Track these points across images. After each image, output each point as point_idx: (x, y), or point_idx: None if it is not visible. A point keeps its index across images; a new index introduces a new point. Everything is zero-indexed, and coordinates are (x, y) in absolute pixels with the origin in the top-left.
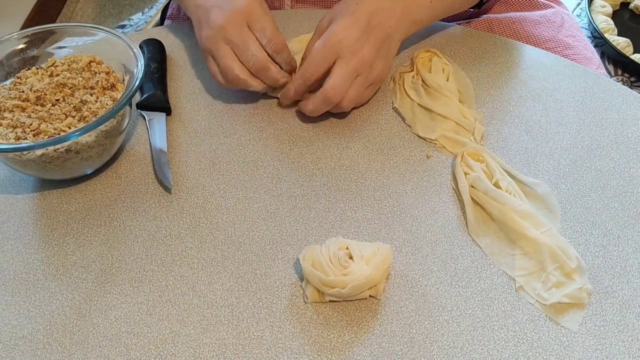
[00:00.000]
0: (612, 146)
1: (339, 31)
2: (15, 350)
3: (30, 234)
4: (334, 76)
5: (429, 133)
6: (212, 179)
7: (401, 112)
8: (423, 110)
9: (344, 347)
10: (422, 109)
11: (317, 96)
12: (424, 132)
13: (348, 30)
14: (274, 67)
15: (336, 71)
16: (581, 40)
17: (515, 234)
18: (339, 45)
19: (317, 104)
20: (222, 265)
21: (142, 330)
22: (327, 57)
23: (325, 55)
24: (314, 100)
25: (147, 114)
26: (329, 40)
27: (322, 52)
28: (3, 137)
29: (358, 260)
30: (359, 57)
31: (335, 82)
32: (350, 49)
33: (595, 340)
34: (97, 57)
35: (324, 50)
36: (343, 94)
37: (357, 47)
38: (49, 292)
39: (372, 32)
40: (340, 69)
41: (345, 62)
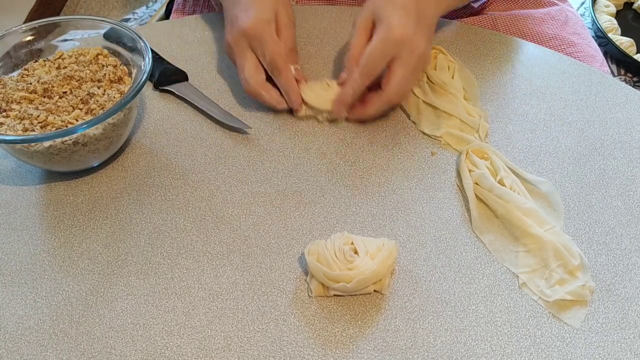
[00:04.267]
0: (615, 145)
1: (396, 27)
2: (21, 341)
3: (37, 226)
4: (397, 79)
5: (434, 130)
6: (217, 172)
7: (406, 108)
8: (428, 107)
9: (348, 341)
10: (427, 106)
11: (378, 99)
12: (429, 129)
13: (405, 25)
14: (266, 93)
15: (398, 73)
16: (585, 38)
17: (519, 231)
18: (400, 43)
19: (379, 108)
20: (227, 258)
21: (147, 322)
22: (387, 55)
23: (386, 53)
24: (375, 104)
25: (172, 87)
26: (389, 38)
27: (383, 51)
28: (11, 128)
29: (363, 255)
30: (417, 53)
31: (399, 85)
32: (410, 46)
33: (598, 337)
34: (105, 50)
35: (385, 49)
36: (404, 93)
37: (416, 44)
38: (55, 283)
39: (421, 23)
40: (402, 70)
41: (405, 61)
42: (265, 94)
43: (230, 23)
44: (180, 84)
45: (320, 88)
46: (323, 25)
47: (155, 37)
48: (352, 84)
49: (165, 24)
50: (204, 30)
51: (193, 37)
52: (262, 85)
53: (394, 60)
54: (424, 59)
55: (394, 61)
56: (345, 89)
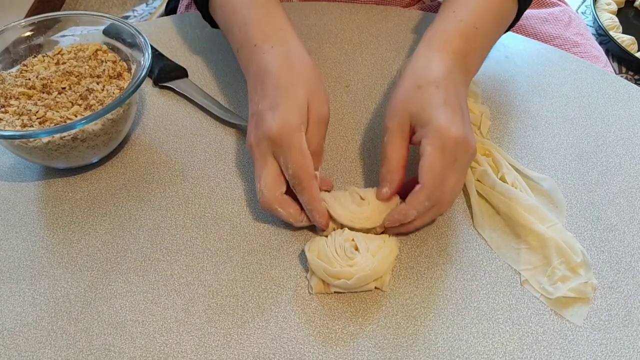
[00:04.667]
0: (617, 142)
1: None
2: (19, 337)
3: (36, 222)
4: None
5: None
6: (217, 169)
7: None
8: None
9: (348, 338)
10: None
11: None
12: None
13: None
14: (283, 210)
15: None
16: (588, 39)
17: (521, 228)
18: (456, 147)
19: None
20: (227, 255)
21: (146, 318)
22: (448, 164)
23: (446, 162)
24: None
25: (171, 83)
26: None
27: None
28: (9, 124)
29: (364, 252)
30: (470, 153)
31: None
32: (465, 146)
33: (600, 335)
34: (104, 46)
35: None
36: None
37: (469, 142)
38: (53, 280)
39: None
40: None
41: (460, 165)
42: (282, 210)
43: (255, 121)
44: (179, 81)
45: (350, 202)
46: (323, 22)
47: (155, 33)
48: (416, 206)
49: (165, 20)
50: (204, 26)
51: (193, 33)
52: (278, 201)
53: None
54: (474, 156)
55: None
56: (407, 210)
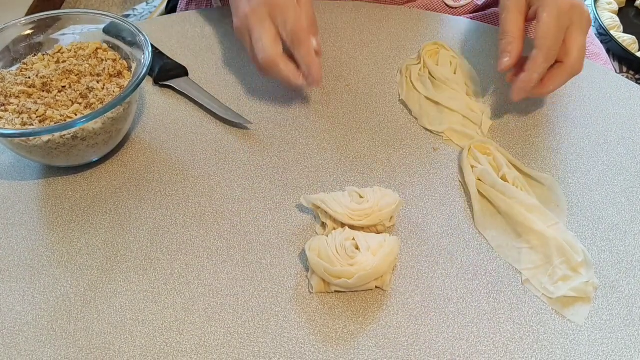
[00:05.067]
0: (619, 141)
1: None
2: (19, 336)
3: (35, 221)
4: (577, 47)
5: (436, 126)
6: (218, 168)
7: (408, 104)
8: (430, 103)
9: (349, 338)
10: (429, 102)
11: (561, 73)
12: (431, 125)
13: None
14: (284, 64)
15: (577, 40)
16: (589, 36)
17: (522, 228)
18: (571, 10)
19: (562, 81)
20: (227, 254)
21: (147, 318)
22: (562, 27)
23: (561, 26)
24: (557, 78)
25: (171, 82)
26: (561, 8)
27: (558, 24)
28: (9, 122)
29: (365, 251)
30: (586, 16)
31: (580, 53)
32: (580, 10)
33: (601, 334)
34: (104, 45)
35: (559, 21)
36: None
37: (582, 5)
38: (53, 279)
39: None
40: (580, 37)
41: (579, 26)
42: (282, 65)
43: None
44: (180, 79)
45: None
46: (324, 20)
47: (155, 32)
48: (536, 69)
49: (165, 18)
50: (205, 25)
51: (193, 32)
52: (280, 56)
53: (569, 29)
54: (590, 19)
55: (570, 29)
56: (531, 75)
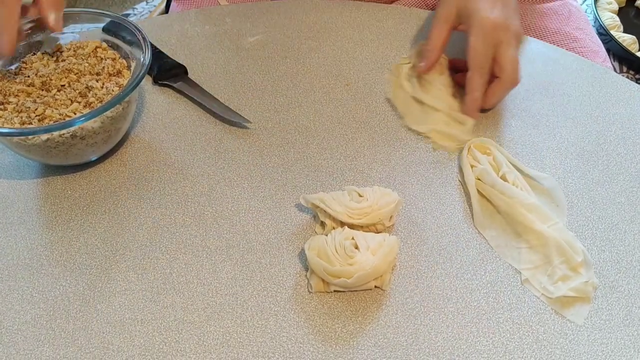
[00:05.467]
0: (619, 141)
1: (487, 15)
2: (18, 336)
3: (34, 220)
4: (509, 61)
5: (419, 125)
6: (217, 167)
7: (394, 103)
8: (415, 102)
9: (348, 338)
10: (414, 101)
11: (500, 87)
12: (414, 124)
13: (494, 12)
14: None
15: (506, 54)
16: (588, 33)
17: (522, 227)
18: (496, 28)
19: (502, 94)
20: (226, 253)
21: (145, 317)
22: (490, 44)
23: (488, 43)
24: (497, 92)
25: (171, 81)
26: (485, 28)
27: (485, 41)
28: (8, 121)
29: (364, 251)
30: (513, 32)
31: (513, 66)
32: (505, 28)
33: (601, 334)
34: (103, 44)
35: (486, 38)
36: (519, 72)
37: (509, 23)
38: (52, 278)
39: (508, 5)
40: (509, 52)
41: (507, 43)
42: None
43: None
44: (179, 78)
45: (348, 200)
46: (324, 19)
47: (155, 31)
48: (475, 88)
49: (164, 17)
50: (204, 24)
51: (193, 31)
52: None
53: (497, 46)
54: (520, 37)
55: (499, 46)
56: (472, 95)
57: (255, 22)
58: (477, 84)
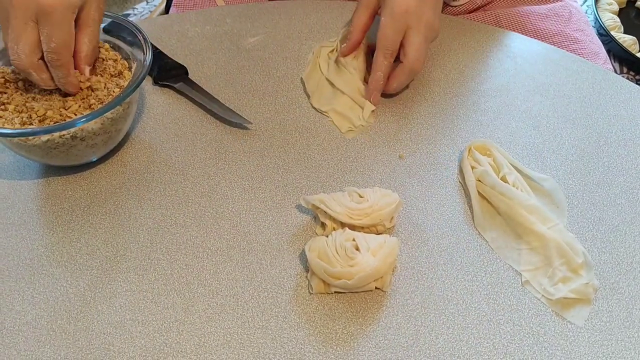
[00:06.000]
0: (619, 142)
1: (400, 2)
2: (18, 336)
3: (35, 221)
4: (413, 48)
5: (322, 105)
6: (217, 168)
7: (306, 83)
8: (327, 83)
9: (349, 339)
10: (326, 83)
11: (401, 72)
12: (318, 104)
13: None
14: (37, 75)
15: (413, 42)
16: (589, 35)
17: (522, 229)
18: (405, 15)
19: (403, 79)
20: (227, 254)
21: (146, 318)
22: (399, 29)
23: (397, 27)
24: (398, 76)
25: (171, 82)
26: (395, 12)
27: (394, 25)
28: (8, 121)
29: (365, 252)
30: (424, 21)
31: (417, 54)
32: (416, 15)
33: (601, 336)
34: (106, 44)
35: (394, 23)
36: (423, 60)
37: (421, 13)
38: (53, 279)
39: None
40: (415, 38)
41: (416, 30)
42: (36, 75)
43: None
44: (180, 79)
45: (349, 201)
46: (324, 20)
47: (155, 31)
48: (379, 68)
49: (165, 18)
50: (205, 25)
51: (193, 31)
52: (34, 66)
53: (406, 32)
54: (433, 28)
55: (406, 32)
56: (375, 74)
57: (255, 22)
58: (381, 65)
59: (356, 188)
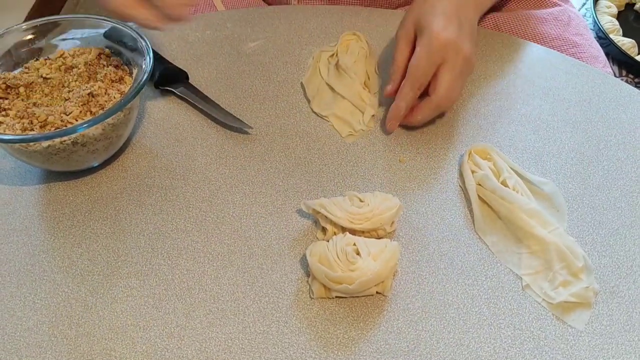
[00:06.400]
0: (619, 146)
1: (440, 32)
2: (20, 342)
3: (36, 226)
4: (444, 83)
5: (323, 110)
6: (218, 173)
7: (306, 88)
8: (327, 88)
9: (350, 343)
10: (327, 87)
11: (427, 105)
12: (318, 108)
13: (447, 30)
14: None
15: (445, 77)
16: (588, 39)
17: (523, 233)
18: (444, 48)
19: (428, 113)
20: (228, 259)
21: (147, 323)
22: (434, 62)
23: (432, 60)
24: (424, 110)
25: (172, 87)
26: (433, 44)
27: (429, 58)
28: (10, 127)
29: (365, 257)
30: (462, 56)
31: (447, 90)
32: (455, 49)
33: (602, 340)
34: (107, 50)
35: (431, 56)
36: (454, 98)
37: (460, 46)
38: (54, 284)
39: (463, 27)
40: (449, 74)
41: (451, 65)
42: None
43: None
44: (180, 84)
45: (349, 205)
46: (324, 25)
47: (156, 36)
48: (403, 97)
49: None
50: (205, 29)
51: (194, 36)
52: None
53: (440, 65)
54: (470, 62)
55: (441, 66)
56: (398, 103)
57: (255, 27)
58: (406, 95)
59: (357, 192)
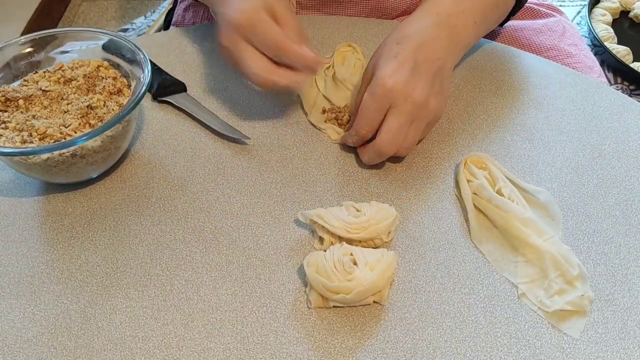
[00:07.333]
0: (613, 154)
1: (385, 78)
2: (19, 354)
3: (35, 237)
4: (386, 129)
5: (320, 122)
6: (216, 183)
7: (303, 100)
8: (324, 100)
9: (347, 353)
10: (323, 99)
11: (370, 149)
12: (316, 120)
13: (395, 75)
14: (280, 78)
15: (389, 122)
16: (582, 49)
17: (518, 241)
18: (389, 94)
19: (372, 157)
20: (226, 270)
21: (146, 334)
22: (379, 109)
23: (377, 108)
24: (368, 152)
25: (170, 98)
26: (377, 91)
27: (373, 105)
28: (9, 140)
29: (362, 266)
30: (411, 101)
31: (387, 136)
32: (402, 94)
33: (597, 348)
34: (105, 62)
35: (375, 102)
36: (398, 145)
37: (409, 91)
38: (53, 295)
39: (420, 69)
40: (394, 120)
41: (398, 110)
42: (278, 78)
43: (220, 23)
44: (178, 95)
45: (346, 215)
46: (321, 35)
47: (154, 47)
48: (349, 136)
49: (163, 34)
50: (203, 41)
51: (192, 47)
52: (271, 72)
53: (388, 110)
54: (425, 107)
55: (389, 110)
56: (344, 138)
57: None
58: (352, 136)
59: (353, 202)
